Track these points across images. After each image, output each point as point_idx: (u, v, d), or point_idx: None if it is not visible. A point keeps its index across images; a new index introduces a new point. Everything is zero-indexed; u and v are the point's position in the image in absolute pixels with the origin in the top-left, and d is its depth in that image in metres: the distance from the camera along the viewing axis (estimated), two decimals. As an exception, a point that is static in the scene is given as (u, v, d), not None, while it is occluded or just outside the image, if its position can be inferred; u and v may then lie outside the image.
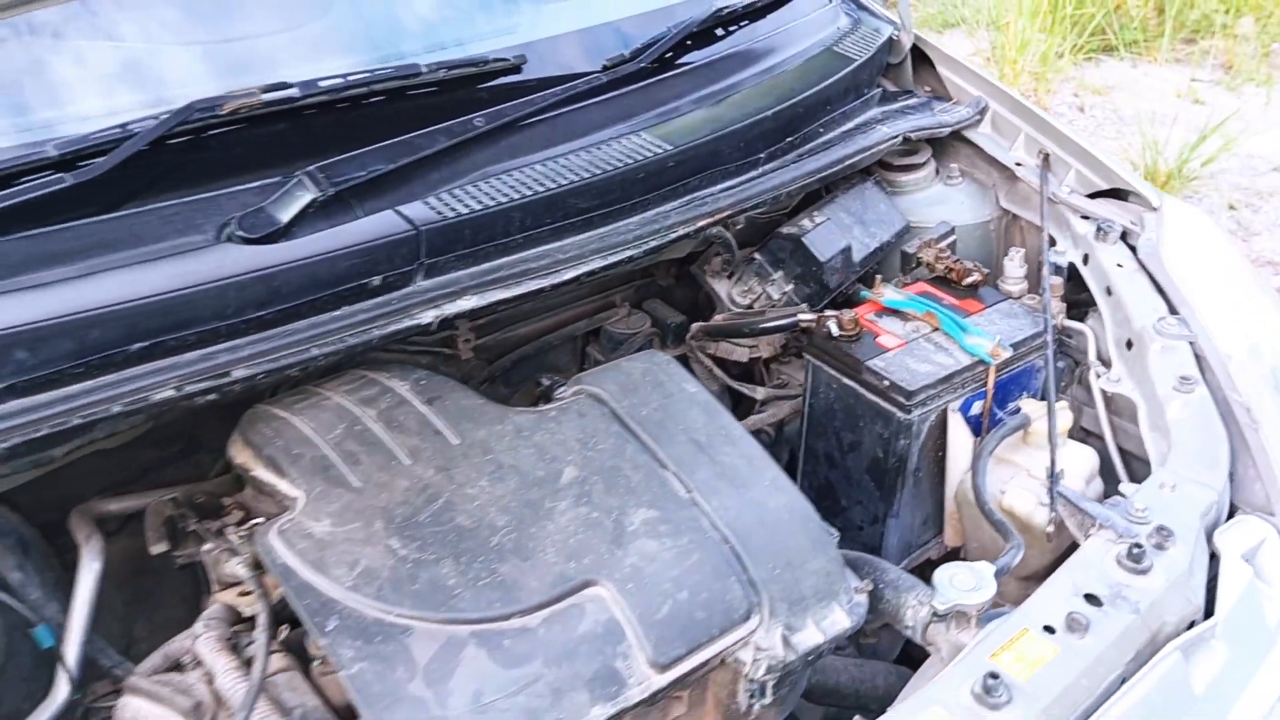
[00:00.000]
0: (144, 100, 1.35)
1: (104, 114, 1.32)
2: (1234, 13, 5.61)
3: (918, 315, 1.60)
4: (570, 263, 1.40)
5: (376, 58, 1.51)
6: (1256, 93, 5.08)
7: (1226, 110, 4.56)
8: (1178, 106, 4.78)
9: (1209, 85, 5.17)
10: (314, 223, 1.30)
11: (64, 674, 1.25)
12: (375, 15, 1.57)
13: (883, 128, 1.76)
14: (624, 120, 1.58)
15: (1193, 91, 5.10)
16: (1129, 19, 5.47)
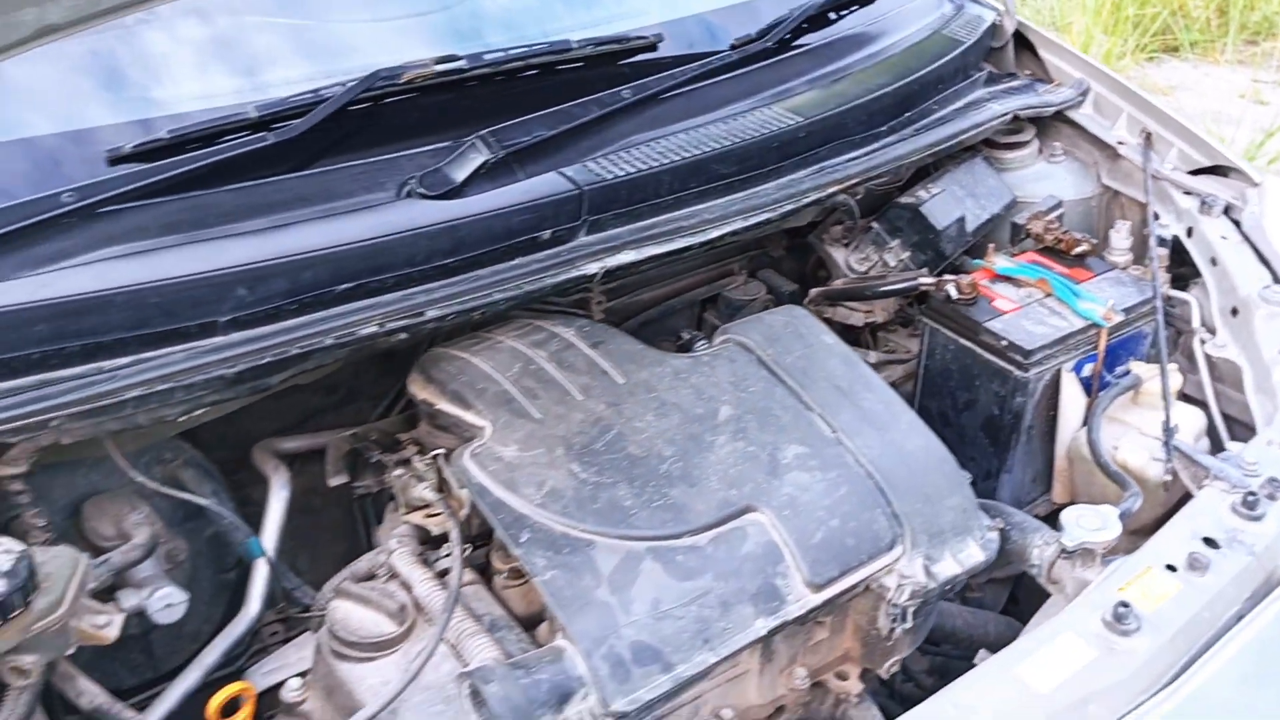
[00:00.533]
0: (324, 71, 1.48)
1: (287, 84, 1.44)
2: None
3: (1030, 281, 1.69)
4: (715, 223, 1.51)
5: (529, 35, 1.61)
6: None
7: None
8: (1241, 107, 4.82)
9: (1271, 86, 5.21)
10: (485, 182, 1.42)
11: (256, 593, 1.37)
12: None
13: (993, 106, 1.86)
14: (754, 94, 1.69)
15: (1256, 92, 5.14)
16: (1191, 20, 5.52)
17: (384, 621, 1.21)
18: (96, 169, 1.28)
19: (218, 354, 1.21)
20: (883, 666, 1.36)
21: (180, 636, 1.51)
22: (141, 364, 1.19)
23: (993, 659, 1.23)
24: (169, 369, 1.19)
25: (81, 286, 1.18)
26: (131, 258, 1.23)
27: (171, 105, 1.37)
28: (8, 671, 1.11)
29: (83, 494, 1.39)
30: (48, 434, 1.16)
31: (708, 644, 1.17)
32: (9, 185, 1.24)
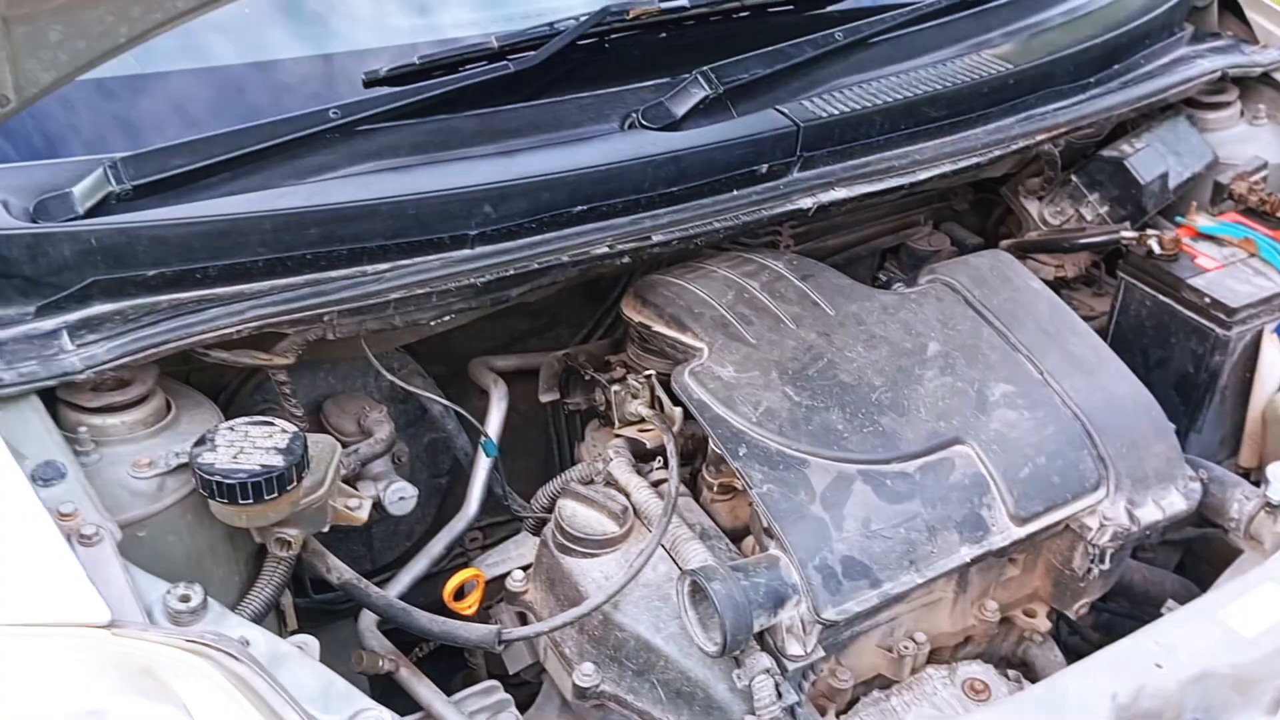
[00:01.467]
0: (553, 8, 1.55)
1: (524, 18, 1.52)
2: None
3: (1234, 241, 1.68)
4: (926, 164, 1.54)
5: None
6: None
7: None
8: None
9: None
10: (704, 118, 1.47)
11: (475, 494, 1.46)
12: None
13: (1199, 63, 1.84)
14: (961, 42, 1.71)
15: None
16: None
17: (607, 521, 1.29)
18: (356, 91, 1.37)
19: (468, 264, 1.30)
20: (1072, 608, 1.39)
21: (396, 534, 1.62)
22: (401, 269, 1.28)
23: (1196, 602, 1.25)
24: (426, 274, 1.29)
25: (347, 196, 1.28)
26: (389, 173, 1.32)
27: (421, 34, 1.45)
28: (274, 541, 1.22)
29: (323, 394, 1.50)
30: (318, 328, 1.27)
31: (914, 565, 1.22)
32: (282, 101, 1.33)
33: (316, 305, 1.23)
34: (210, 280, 1.23)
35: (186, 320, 1.21)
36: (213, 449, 1.15)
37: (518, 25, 1.49)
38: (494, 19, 1.52)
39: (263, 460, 1.13)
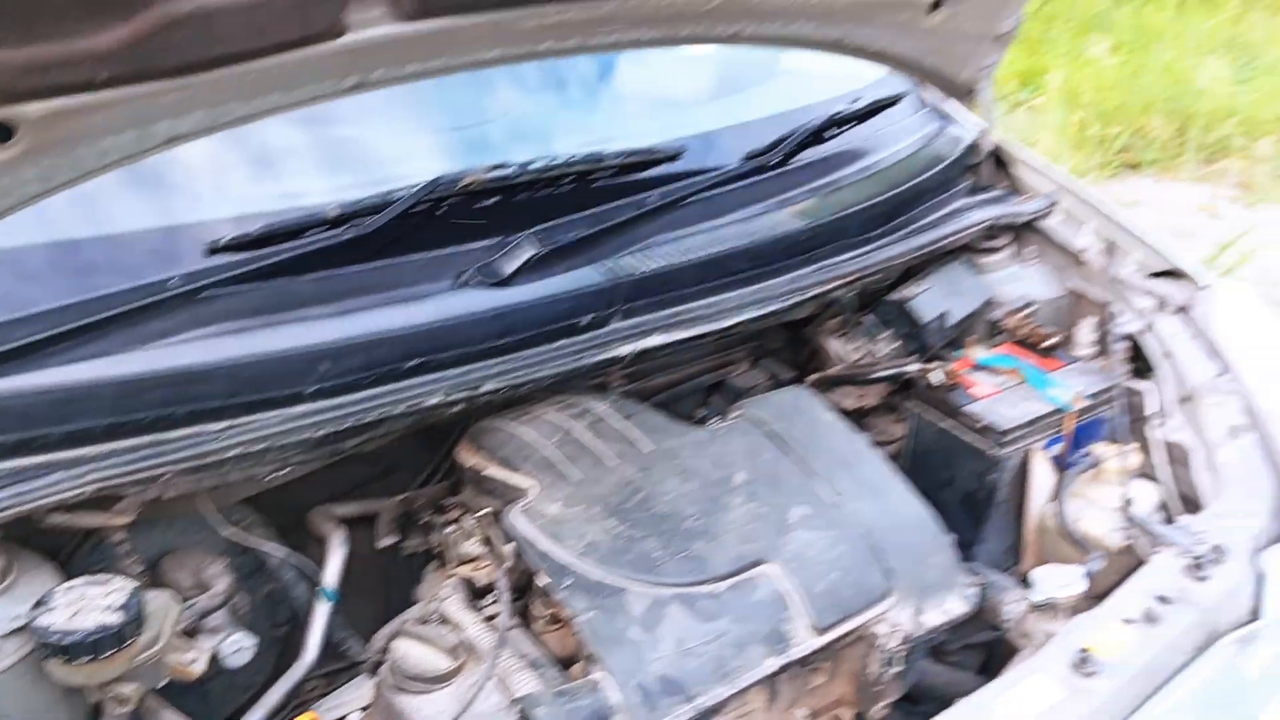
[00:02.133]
0: (391, 177, 1.69)
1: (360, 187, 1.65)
2: (1252, 135, 5.99)
3: (1005, 370, 1.89)
4: (732, 311, 1.72)
5: (570, 146, 1.83)
6: (1273, 211, 5.41)
7: (1245, 226, 4.88)
8: (1198, 221, 5.11)
9: (1228, 202, 5.52)
10: (531, 275, 1.62)
11: (314, 640, 1.53)
12: (571, 115, 1.91)
13: (972, 214, 2.08)
14: (764, 201, 1.91)
15: (1213, 208, 5.43)
16: (1151, 139, 5.86)
17: (440, 658, 1.37)
18: (198, 259, 1.48)
19: (305, 419, 1.40)
20: (872, 709, 1.53)
21: (234, 686, 1.67)
22: (238, 427, 1.37)
23: (969, 698, 1.40)
24: (263, 431, 1.37)
25: (186, 360, 1.37)
26: (229, 336, 1.42)
27: (263, 204, 1.57)
28: (110, 699, 1.27)
29: (162, 549, 1.56)
30: (156, 487, 1.34)
31: (724, 678, 1.34)
32: (126, 270, 1.43)
33: (156, 466, 1.31)
34: (52, 446, 1.30)
35: (28, 485, 1.27)
36: (50, 610, 1.20)
37: (357, 194, 1.61)
38: (333, 188, 1.64)
39: (99, 619, 1.20)
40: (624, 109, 2.03)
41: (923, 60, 2.01)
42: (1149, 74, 6.31)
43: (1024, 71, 6.49)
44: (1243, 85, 6.51)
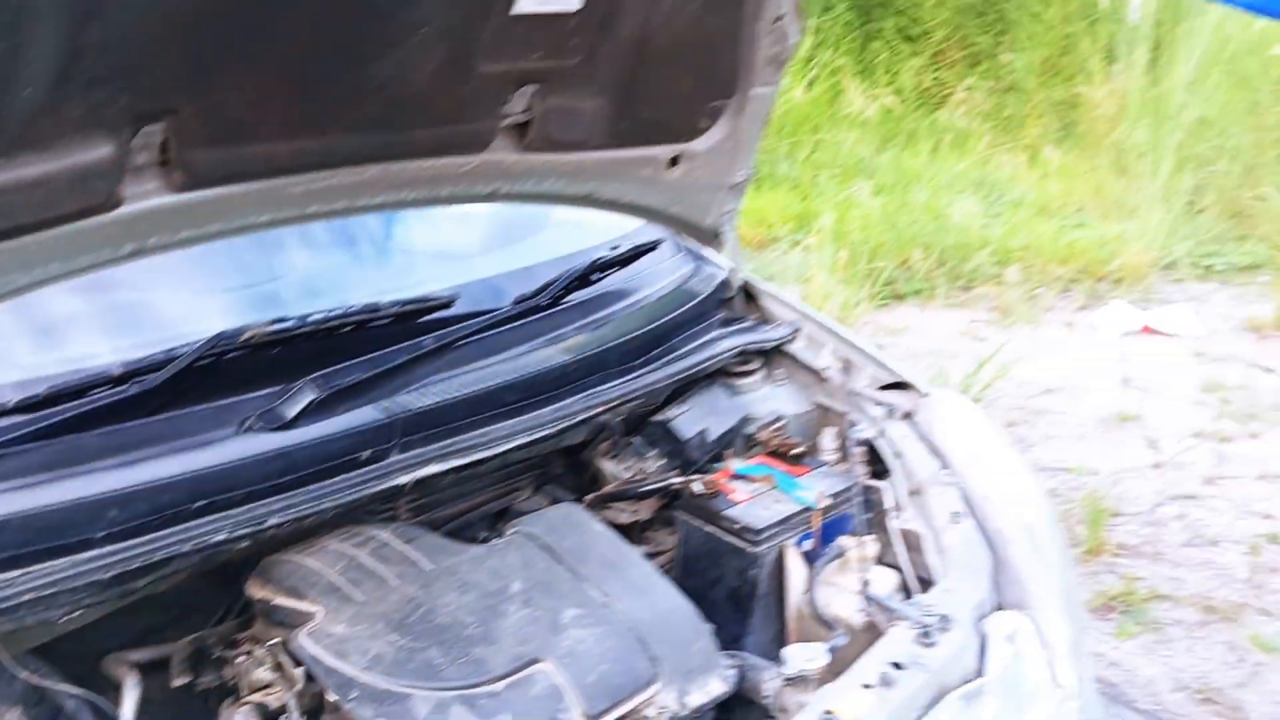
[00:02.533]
0: (176, 335, 1.81)
1: (145, 345, 1.77)
2: (1002, 263, 6.62)
3: (759, 478, 2.11)
4: (504, 439, 1.88)
5: (352, 298, 2.00)
6: (1025, 330, 5.97)
7: (1001, 344, 5.38)
8: (961, 344, 5.59)
9: (986, 325, 6.06)
10: (313, 417, 1.75)
11: None
12: (354, 268, 2.08)
13: (725, 342, 2.33)
14: (534, 339, 2.10)
15: (973, 331, 5.94)
16: (914, 272, 6.42)
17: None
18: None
19: (95, 563, 1.48)
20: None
21: None
22: (30, 574, 1.45)
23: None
24: (55, 576, 1.45)
25: None
26: (19, 490, 1.50)
27: (49, 366, 1.67)
28: None
29: None
30: None
31: (510, 769, 1.47)
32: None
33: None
34: None
35: None
36: None
37: (142, 353, 1.73)
38: (118, 348, 1.75)
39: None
40: (404, 261, 2.22)
41: (668, 210, 2.27)
42: (909, 212, 6.91)
43: (798, 216, 7.02)
44: (992, 219, 7.21)
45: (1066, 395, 5.42)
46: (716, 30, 2.00)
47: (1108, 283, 6.69)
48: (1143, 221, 7.15)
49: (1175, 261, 6.80)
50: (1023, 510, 2.11)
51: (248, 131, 1.56)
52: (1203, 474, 4.66)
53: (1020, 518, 2.08)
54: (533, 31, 1.73)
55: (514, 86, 1.80)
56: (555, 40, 1.76)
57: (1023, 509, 2.11)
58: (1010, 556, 2.00)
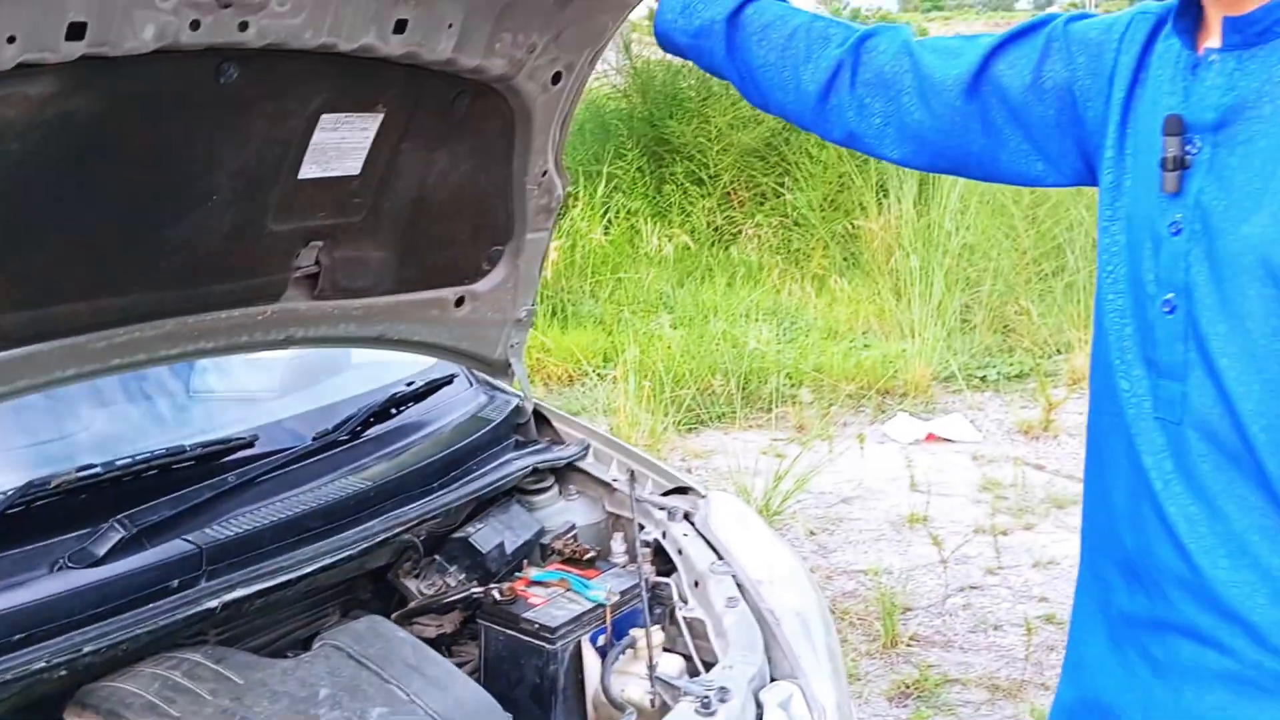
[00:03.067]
0: None
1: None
2: (796, 385, 7.07)
3: (554, 582, 2.31)
4: (309, 561, 2.03)
5: (157, 442, 2.13)
6: (822, 444, 6.37)
7: (801, 461, 5.74)
8: (764, 462, 5.93)
9: (786, 442, 6.44)
10: (124, 552, 1.87)
11: None
12: (157, 415, 2.22)
13: (518, 463, 2.54)
14: (334, 470, 2.27)
15: (774, 449, 6.31)
16: (715, 396, 6.79)
17: None
18: None
19: None
20: None
21: None
22: None
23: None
24: None
25: None
26: None
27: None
28: None
29: None
30: None
31: None
32: None
33: None
34: None
35: None
36: None
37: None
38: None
39: None
40: (210, 407, 2.37)
41: (458, 346, 2.50)
42: (708, 342, 7.33)
43: (604, 351, 7.36)
44: (786, 344, 7.70)
45: (861, 503, 5.81)
46: (489, 185, 2.27)
47: (894, 397, 7.22)
48: (921, 340, 7.79)
49: (952, 374, 7.39)
50: (789, 591, 2.35)
51: (53, 293, 1.72)
52: (984, 565, 5.07)
53: (787, 598, 2.32)
54: (318, 193, 1.96)
55: (303, 242, 2.02)
56: (339, 200, 1.99)
57: (789, 590, 2.36)
58: (781, 633, 2.24)
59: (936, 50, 1.76)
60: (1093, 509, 1.67)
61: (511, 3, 1.92)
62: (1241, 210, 1.39)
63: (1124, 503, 1.56)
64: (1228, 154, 1.42)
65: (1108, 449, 1.60)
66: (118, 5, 1.51)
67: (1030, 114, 1.67)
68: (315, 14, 1.71)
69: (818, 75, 1.79)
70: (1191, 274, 1.44)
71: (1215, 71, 1.44)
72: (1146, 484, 1.51)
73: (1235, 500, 1.43)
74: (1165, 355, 1.47)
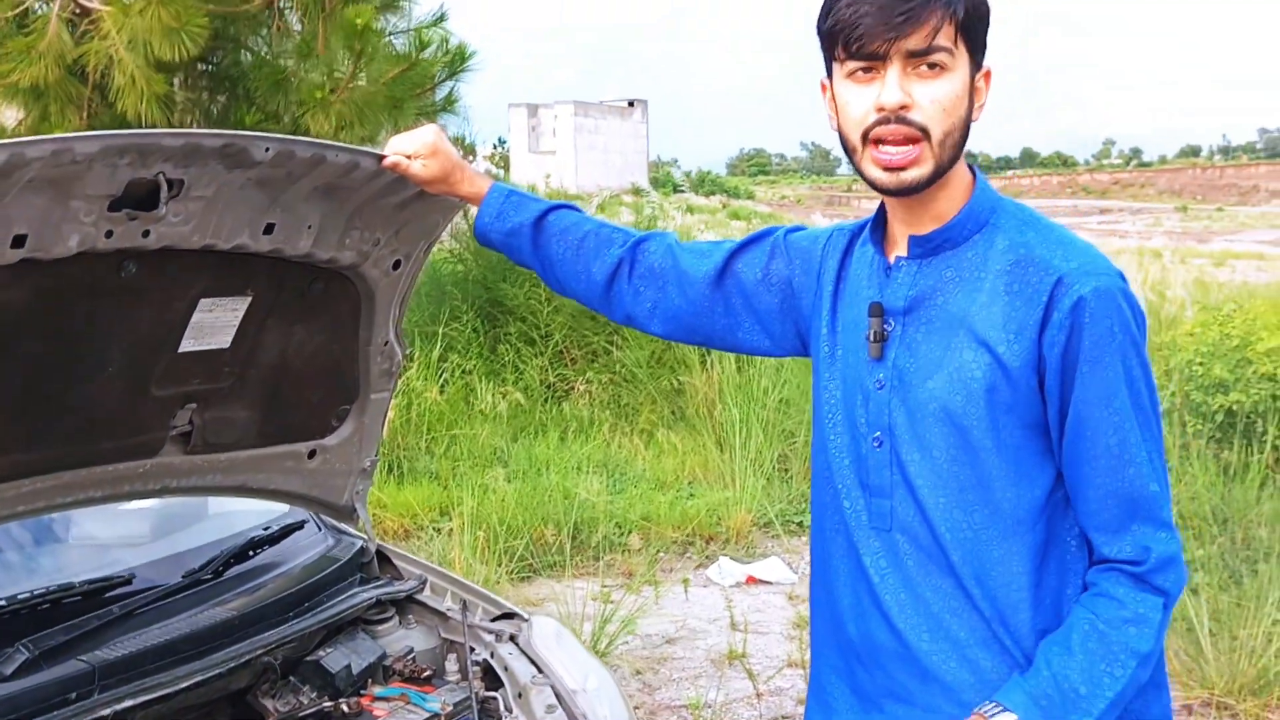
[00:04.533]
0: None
1: None
2: (625, 533, 7.51)
3: (395, 697, 2.67)
4: (185, 678, 2.36)
5: (46, 580, 2.45)
6: (649, 590, 6.80)
7: (628, 605, 6.15)
8: (593, 607, 6.29)
9: (615, 588, 6.83)
10: (31, 670, 2.18)
11: None
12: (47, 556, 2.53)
13: (362, 595, 2.91)
14: (204, 603, 2.61)
15: (604, 595, 6.69)
16: (547, 546, 7.18)
17: None
18: None
19: None
20: None
21: None
22: None
23: None
24: None
25: None
26: None
27: None
28: None
29: None
30: None
31: None
32: None
33: None
34: None
35: None
36: None
37: None
38: None
39: None
40: (89, 550, 2.69)
41: (310, 493, 2.89)
42: (541, 494, 7.73)
43: (440, 504, 7.69)
44: (616, 495, 8.17)
45: (684, 642, 6.24)
46: (339, 353, 2.70)
47: (717, 542, 7.73)
48: (742, 488, 8.37)
49: (770, 520, 7.95)
50: (600, 699, 2.77)
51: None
52: (796, 696, 5.53)
53: (598, 705, 2.74)
54: (193, 364, 2.36)
55: (179, 404, 2.41)
56: (211, 369, 2.39)
57: (600, 698, 2.77)
58: (593, 734, 2.65)
59: (692, 251, 2.32)
60: (819, 608, 2.17)
61: (360, 207, 2.39)
62: (925, 371, 1.95)
63: (848, 598, 2.06)
64: (914, 331, 1.99)
65: (833, 557, 2.10)
66: (52, 220, 1.93)
67: (760, 301, 2.24)
68: (202, 222, 2.15)
69: (604, 269, 2.32)
70: (893, 417, 1.98)
71: (904, 273, 2.02)
72: (866, 580, 2.02)
73: (932, 587, 1.95)
74: (876, 479, 2.00)
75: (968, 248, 1.96)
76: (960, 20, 1.83)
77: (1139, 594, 1.85)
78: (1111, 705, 1.83)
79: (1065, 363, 1.83)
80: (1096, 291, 1.82)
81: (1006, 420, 1.89)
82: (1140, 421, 1.85)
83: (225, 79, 9.33)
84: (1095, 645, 1.85)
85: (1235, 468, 7.37)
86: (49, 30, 7.85)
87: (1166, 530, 1.88)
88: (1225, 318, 7.96)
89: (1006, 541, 1.91)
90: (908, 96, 1.84)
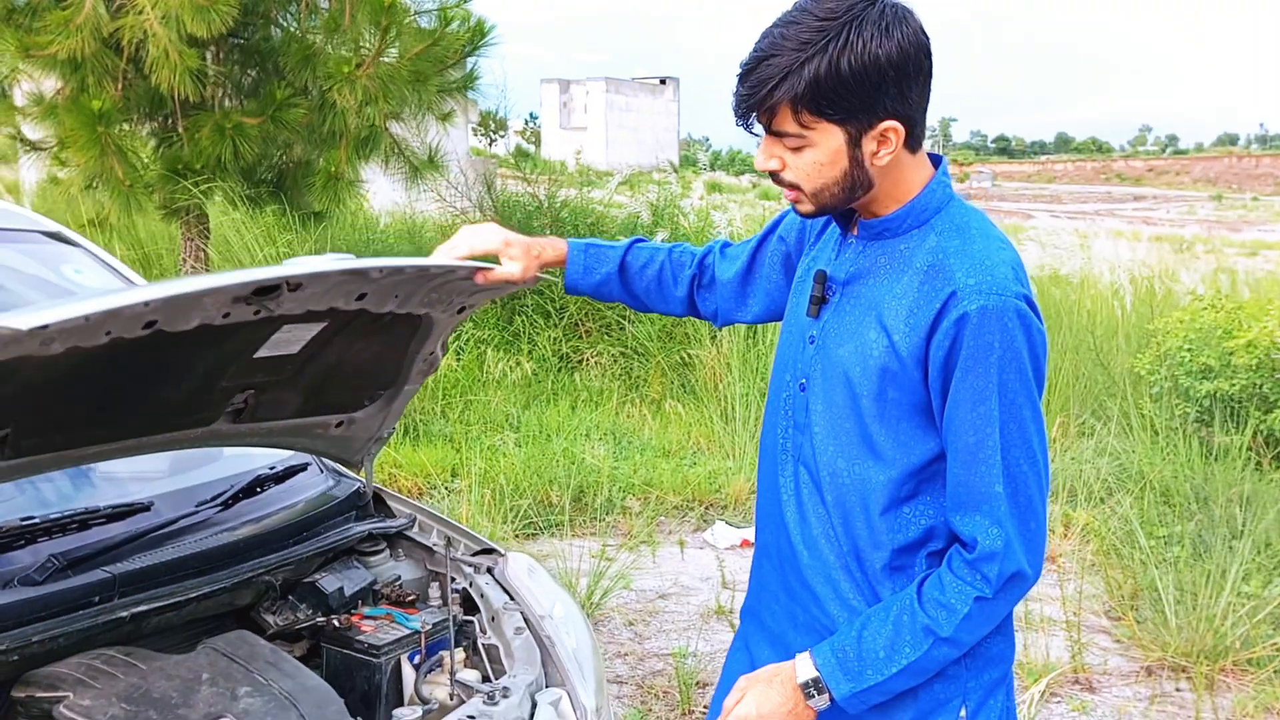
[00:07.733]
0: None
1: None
2: (626, 496, 7.85)
3: (381, 616, 3.01)
4: (194, 589, 2.71)
5: (78, 504, 2.80)
6: (647, 550, 7.14)
7: (626, 562, 6.49)
8: (592, 564, 6.64)
9: (615, 548, 7.19)
10: (59, 576, 2.53)
11: None
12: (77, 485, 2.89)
13: (357, 529, 3.25)
14: (213, 528, 2.96)
15: (604, 553, 7.04)
16: (552, 506, 7.53)
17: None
18: None
19: None
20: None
21: None
22: None
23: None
24: None
25: None
26: None
27: None
28: None
29: None
30: None
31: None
32: None
33: None
34: None
35: None
36: None
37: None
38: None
39: None
40: (115, 482, 3.05)
41: (327, 451, 3.23)
42: (548, 459, 8.08)
43: (453, 465, 8.05)
44: (621, 461, 8.51)
45: (676, 598, 6.58)
46: (389, 359, 2.98)
47: (716, 508, 8.06)
48: (742, 457, 8.68)
49: (768, 489, 8.23)
50: (565, 625, 3.11)
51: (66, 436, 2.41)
52: (775, 648, 5.84)
53: (563, 630, 3.08)
54: (262, 364, 2.66)
55: (239, 391, 2.72)
56: (275, 367, 2.69)
57: (565, 624, 3.11)
58: (555, 654, 2.98)
59: (728, 258, 2.79)
60: (760, 518, 2.52)
61: (443, 283, 2.68)
62: (840, 339, 2.28)
63: (769, 509, 2.47)
64: (846, 301, 2.31)
65: (766, 476, 2.48)
66: (179, 308, 2.16)
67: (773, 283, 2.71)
68: (306, 301, 2.41)
69: (683, 289, 2.78)
70: (813, 369, 2.33)
71: (851, 250, 2.34)
72: (777, 498, 2.39)
73: (815, 514, 2.31)
74: (798, 417, 2.34)
75: (903, 240, 2.23)
76: (805, 99, 2.04)
77: (960, 582, 2.15)
78: (903, 671, 2.17)
79: (946, 367, 2.12)
80: (982, 310, 2.04)
81: (893, 396, 2.21)
82: (1004, 429, 2.08)
83: (255, 53, 9.74)
84: (906, 619, 2.17)
85: (1217, 450, 7.63)
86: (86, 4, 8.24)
87: (999, 528, 2.11)
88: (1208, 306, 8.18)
89: (872, 494, 2.25)
90: (778, 161, 2.19)
